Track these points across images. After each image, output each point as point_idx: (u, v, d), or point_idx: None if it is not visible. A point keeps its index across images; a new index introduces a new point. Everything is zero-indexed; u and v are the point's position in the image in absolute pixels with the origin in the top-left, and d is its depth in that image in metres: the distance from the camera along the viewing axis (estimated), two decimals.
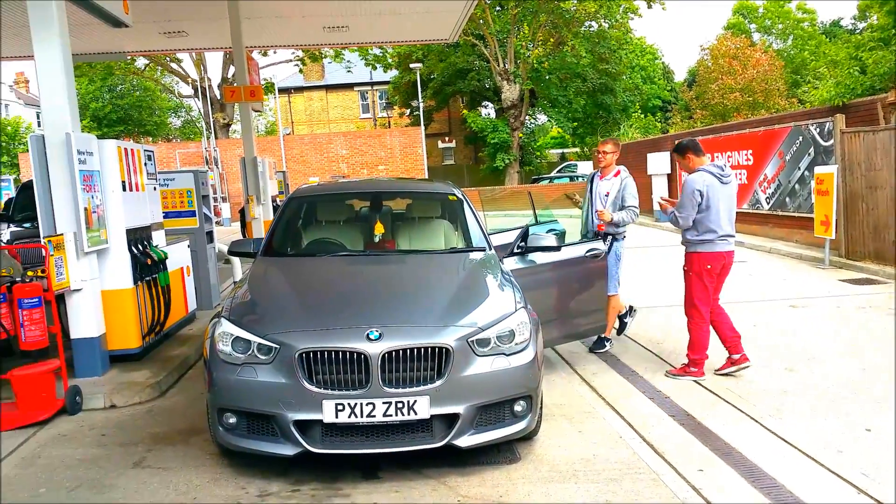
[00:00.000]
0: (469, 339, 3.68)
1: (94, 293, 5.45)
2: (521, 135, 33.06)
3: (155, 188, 6.61)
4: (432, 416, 3.57)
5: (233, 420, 3.68)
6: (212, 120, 30.87)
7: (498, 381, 3.71)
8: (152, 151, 6.69)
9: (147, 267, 5.99)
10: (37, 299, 4.60)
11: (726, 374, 5.29)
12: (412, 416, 3.52)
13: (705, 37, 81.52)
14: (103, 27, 7.22)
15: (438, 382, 3.56)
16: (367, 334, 3.53)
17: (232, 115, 31.96)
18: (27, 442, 4.39)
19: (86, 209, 5.19)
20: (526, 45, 31.68)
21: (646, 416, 4.60)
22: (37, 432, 4.55)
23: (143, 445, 4.30)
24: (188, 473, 3.88)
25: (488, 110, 41.18)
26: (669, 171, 17.77)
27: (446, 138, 45.30)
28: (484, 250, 4.96)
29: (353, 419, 3.48)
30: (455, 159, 45.14)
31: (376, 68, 35.30)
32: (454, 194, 5.58)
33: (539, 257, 5.37)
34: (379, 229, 5.20)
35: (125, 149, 5.91)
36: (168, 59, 30.95)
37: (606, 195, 6.07)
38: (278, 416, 3.53)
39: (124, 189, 5.79)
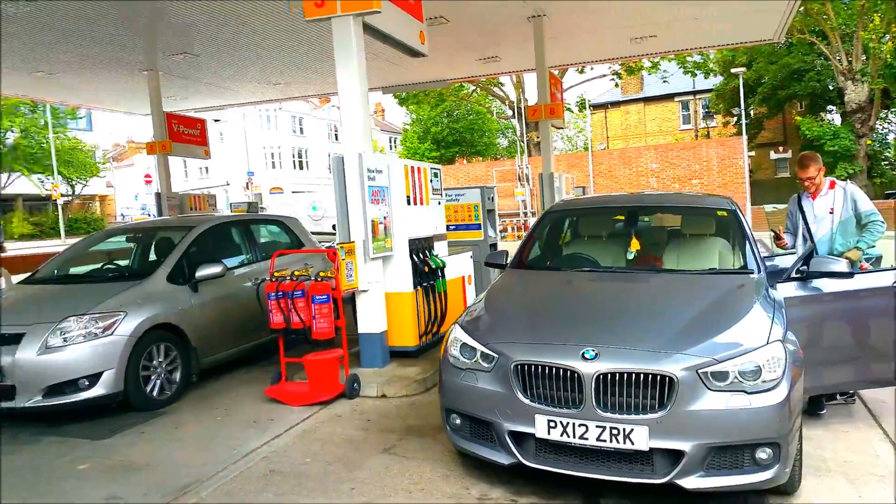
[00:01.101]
0: (700, 371, 3.33)
1: (379, 294, 6.19)
2: (869, 142, 28.25)
3: (439, 202, 7.24)
4: (652, 449, 3.31)
5: (458, 421, 3.87)
6: (525, 139, 32.51)
7: (734, 421, 3.29)
8: (439, 169, 7.35)
9: (426, 274, 6.60)
10: (326, 296, 5.42)
11: None
12: (628, 446, 3.31)
13: None
14: (425, 60, 8.09)
15: (660, 413, 3.29)
16: (583, 353, 3.42)
17: None
18: (310, 418, 5.16)
19: (373, 221, 5.94)
20: (878, 39, 27.01)
21: None
22: (319, 410, 5.32)
23: (397, 434, 4.75)
24: (425, 466, 4.18)
25: (832, 115, 36.08)
26: None
27: (780, 148, 40.89)
28: (750, 273, 4.42)
29: (564, 438, 3.41)
30: (790, 171, 40.43)
31: (696, 75, 33.41)
32: (724, 209, 5.08)
33: (826, 285, 4.58)
34: (634, 246, 4.96)
35: (412, 167, 6.60)
36: (492, 84, 33.44)
37: (831, 212, 5.20)
38: (495, 424, 3.62)
39: (409, 203, 6.47)
